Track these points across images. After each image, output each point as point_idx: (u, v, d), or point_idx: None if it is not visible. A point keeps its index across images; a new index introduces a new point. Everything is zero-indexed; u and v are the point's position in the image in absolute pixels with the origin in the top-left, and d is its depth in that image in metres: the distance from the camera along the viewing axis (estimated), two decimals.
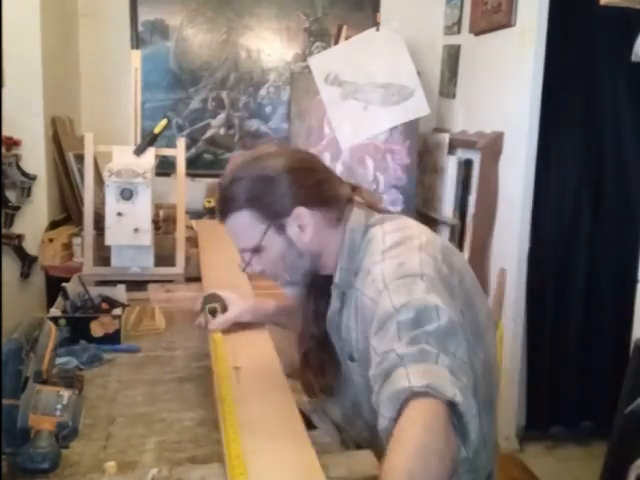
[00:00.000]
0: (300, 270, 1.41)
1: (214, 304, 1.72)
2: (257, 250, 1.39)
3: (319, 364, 1.50)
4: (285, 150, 1.47)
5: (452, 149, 3.78)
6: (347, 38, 3.83)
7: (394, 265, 1.21)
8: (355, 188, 1.46)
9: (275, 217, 1.36)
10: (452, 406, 0.97)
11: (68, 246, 3.22)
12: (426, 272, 1.18)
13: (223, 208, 1.40)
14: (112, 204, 2.29)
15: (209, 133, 4.11)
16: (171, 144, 2.69)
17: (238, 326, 1.71)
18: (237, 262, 1.49)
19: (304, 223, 1.36)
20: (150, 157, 2.42)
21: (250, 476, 1.06)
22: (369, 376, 1.10)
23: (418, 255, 1.23)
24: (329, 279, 1.40)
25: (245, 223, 1.38)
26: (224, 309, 1.74)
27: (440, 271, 1.22)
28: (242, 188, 1.36)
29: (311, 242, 1.36)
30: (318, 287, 1.46)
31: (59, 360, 1.56)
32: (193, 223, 3.21)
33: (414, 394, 0.97)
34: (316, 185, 1.38)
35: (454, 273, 1.28)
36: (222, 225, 1.44)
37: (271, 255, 1.39)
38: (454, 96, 3.98)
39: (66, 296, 1.95)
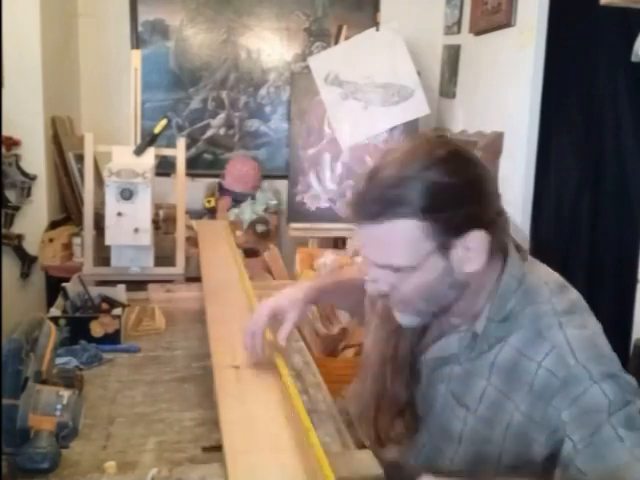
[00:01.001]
0: (442, 300, 1.14)
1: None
2: (405, 271, 1.08)
3: (398, 406, 1.24)
4: (468, 150, 1.14)
5: None
6: (347, 38, 3.84)
7: (582, 339, 1.07)
8: (501, 214, 1.15)
9: (447, 236, 1.06)
10: None
11: (68, 246, 3.22)
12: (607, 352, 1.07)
13: (381, 209, 1.05)
14: (112, 204, 2.29)
15: (209, 133, 4.12)
16: (171, 144, 2.69)
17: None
18: (362, 275, 1.18)
19: (476, 248, 1.07)
20: (150, 157, 2.42)
21: (249, 477, 1.06)
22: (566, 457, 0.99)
23: (598, 326, 1.12)
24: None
25: (410, 236, 1.05)
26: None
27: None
28: (420, 192, 1.03)
29: (472, 274, 1.10)
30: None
31: (59, 360, 1.56)
32: (193, 223, 3.21)
33: None
34: (494, 197, 1.13)
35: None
36: (359, 228, 1.10)
37: (421, 280, 1.09)
38: (454, 96, 3.98)
39: (66, 296, 1.95)
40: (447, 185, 1.04)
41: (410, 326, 1.20)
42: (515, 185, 3.22)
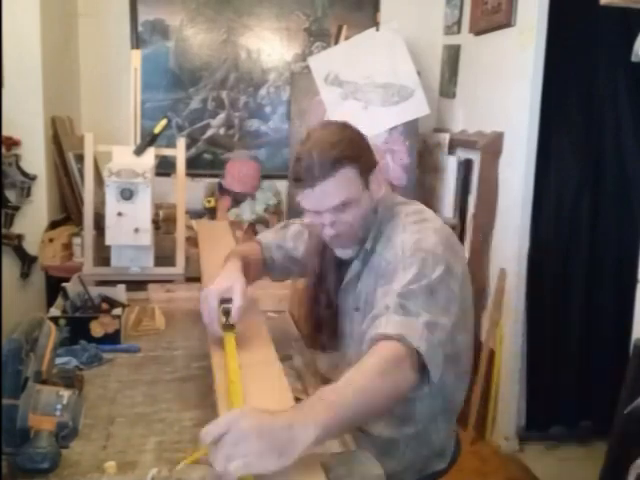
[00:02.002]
0: (369, 226, 1.58)
1: (227, 306, 1.63)
2: (348, 206, 1.51)
3: (321, 321, 1.71)
4: (350, 124, 1.61)
5: (452, 149, 3.79)
6: (347, 38, 3.84)
7: (413, 239, 1.46)
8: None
9: (368, 172, 1.54)
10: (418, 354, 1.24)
11: (68, 246, 3.22)
12: (437, 251, 1.42)
13: (323, 170, 1.47)
14: (112, 204, 2.29)
15: (209, 133, 4.12)
16: (171, 144, 2.69)
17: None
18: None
19: (379, 180, 1.57)
20: (150, 157, 2.42)
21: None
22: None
23: (433, 236, 1.47)
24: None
25: (349, 178, 1.49)
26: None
27: (446, 251, 1.45)
28: (347, 147, 1.50)
29: (379, 200, 1.58)
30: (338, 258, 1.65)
31: (59, 360, 1.56)
32: (193, 223, 3.21)
33: (386, 337, 1.25)
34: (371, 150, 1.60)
35: (457, 258, 1.49)
36: (313, 190, 1.50)
37: (358, 210, 1.53)
38: (454, 96, 3.98)
39: (66, 296, 1.95)
40: (359, 139, 1.56)
41: (347, 257, 1.62)
42: (515, 185, 3.22)
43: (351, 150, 1.50)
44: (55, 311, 1.86)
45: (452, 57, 3.99)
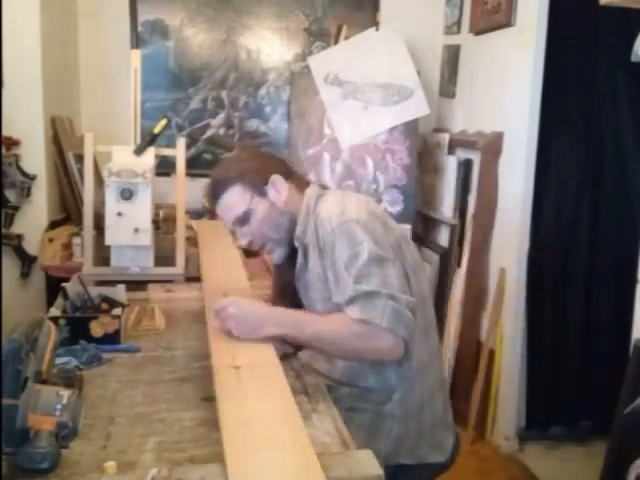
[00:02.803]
0: (282, 227, 1.77)
1: None
2: (247, 216, 1.76)
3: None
4: (241, 144, 2.01)
5: (452, 149, 3.79)
6: (347, 38, 3.84)
7: (337, 212, 1.64)
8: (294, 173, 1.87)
9: (257, 186, 1.75)
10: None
11: (68, 246, 3.22)
12: (361, 218, 1.62)
13: (216, 191, 1.78)
14: (112, 204, 2.29)
15: (209, 133, 4.11)
16: (171, 144, 2.69)
17: None
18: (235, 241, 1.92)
19: (279, 187, 1.76)
20: (150, 157, 2.42)
21: (250, 477, 1.06)
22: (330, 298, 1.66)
23: (355, 205, 1.67)
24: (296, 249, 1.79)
25: (237, 195, 1.75)
26: None
27: (372, 216, 1.66)
28: (231, 170, 1.79)
29: (287, 202, 1.76)
30: (291, 257, 1.82)
31: (59, 360, 1.56)
32: (193, 223, 3.21)
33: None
34: (282, 163, 1.86)
35: (385, 219, 1.72)
36: (216, 211, 1.82)
37: (258, 218, 1.75)
38: (454, 96, 3.98)
39: (66, 296, 1.95)
40: (244, 161, 1.85)
41: (280, 259, 1.84)
42: (515, 185, 3.22)
43: (232, 172, 1.78)
44: (55, 311, 1.86)
45: (452, 57, 3.99)
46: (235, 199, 1.76)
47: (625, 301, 2.54)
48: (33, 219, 3.27)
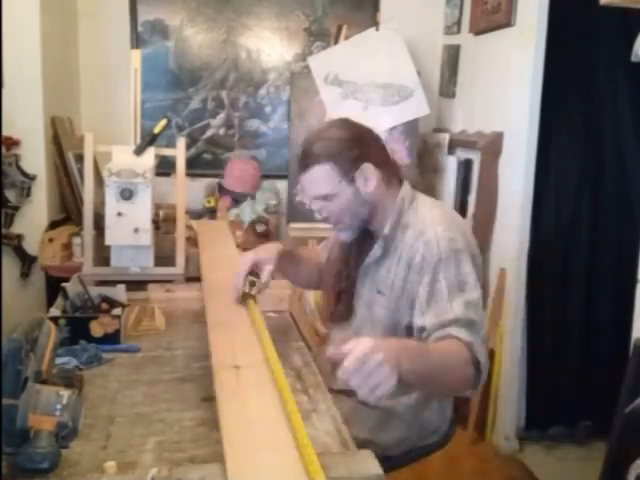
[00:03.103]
0: (360, 216, 1.74)
1: (253, 278, 1.89)
2: (329, 197, 1.71)
3: (339, 295, 1.88)
4: (347, 120, 1.78)
5: (452, 149, 3.78)
6: (347, 38, 3.83)
7: (447, 237, 1.61)
8: (398, 165, 1.84)
9: (347, 171, 1.68)
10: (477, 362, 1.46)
11: (68, 246, 3.22)
12: (469, 250, 1.63)
13: (306, 162, 1.71)
14: (112, 204, 2.29)
15: (209, 133, 4.11)
16: (171, 144, 2.69)
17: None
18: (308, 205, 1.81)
19: (368, 177, 1.69)
20: (150, 157, 2.42)
21: (249, 477, 1.06)
22: (415, 317, 1.61)
23: (462, 233, 1.66)
24: (371, 234, 1.79)
25: (325, 174, 1.69)
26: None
27: (472, 248, 1.67)
28: (327, 148, 1.69)
29: (372, 193, 1.71)
30: (363, 238, 1.81)
31: (59, 360, 1.56)
32: (193, 223, 3.21)
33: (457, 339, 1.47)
34: (377, 149, 1.75)
35: (475, 249, 1.71)
36: (301, 175, 1.75)
37: (341, 202, 1.71)
38: (454, 96, 3.98)
39: (66, 296, 1.95)
40: (339, 139, 1.69)
41: (347, 240, 1.82)
42: (515, 185, 3.21)
43: (328, 149, 1.68)
44: (55, 311, 1.86)
45: (452, 57, 3.99)
46: (322, 177, 1.70)
47: (625, 301, 2.54)
48: (33, 219, 3.27)
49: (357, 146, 1.70)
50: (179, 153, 2.52)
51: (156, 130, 2.43)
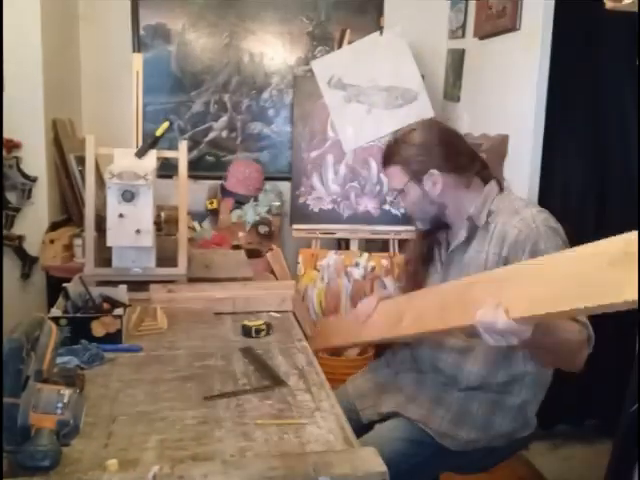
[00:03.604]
0: (428, 214, 1.93)
1: None
2: (401, 193, 1.93)
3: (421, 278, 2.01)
4: (432, 125, 1.99)
5: None
6: (350, 42, 3.83)
7: (542, 216, 1.79)
8: (486, 165, 1.96)
9: (415, 174, 1.88)
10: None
11: (69, 247, 3.21)
12: (561, 231, 1.79)
13: (386, 158, 1.95)
14: (113, 206, 2.28)
15: (211, 136, 4.11)
16: (173, 147, 2.68)
17: None
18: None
19: (435, 180, 1.86)
20: (152, 159, 2.41)
21: None
22: None
23: (554, 218, 1.83)
24: (447, 226, 1.95)
25: (397, 172, 1.92)
26: None
27: (562, 232, 1.81)
28: (402, 150, 1.90)
29: (440, 196, 1.87)
30: (438, 228, 1.98)
31: (60, 359, 1.55)
32: (195, 224, 3.21)
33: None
34: (450, 156, 1.87)
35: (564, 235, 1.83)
36: (383, 170, 2.00)
37: (410, 199, 1.92)
38: (458, 99, 3.98)
39: (67, 296, 1.94)
40: (411, 146, 1.89)
41: (423, 227, 1.99)
42: (520, 188, 3.19)
43: (402, 152, 1.90)
44: (56, 311, 1.85)
45: (456, 61, 3.98)
46: (395, 174, 1.93)
47: None
48: (34, 220, 3.27)
49: (428, 153, 1.87)
50: (181, 155, 2.50)
51: (158, 132, 2.42)
